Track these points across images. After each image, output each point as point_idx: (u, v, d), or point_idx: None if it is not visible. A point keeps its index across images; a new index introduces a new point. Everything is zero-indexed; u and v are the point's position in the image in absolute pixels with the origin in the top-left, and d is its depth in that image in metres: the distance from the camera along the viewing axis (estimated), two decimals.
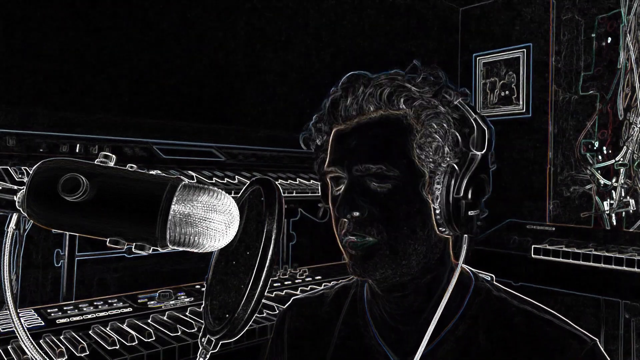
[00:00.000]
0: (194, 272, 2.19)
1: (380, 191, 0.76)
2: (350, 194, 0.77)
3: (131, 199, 0.52)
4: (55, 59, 2.02)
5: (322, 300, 0.98)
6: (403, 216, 0.77)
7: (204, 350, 0.64)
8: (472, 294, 0.84)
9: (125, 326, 1.63)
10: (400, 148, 0.77)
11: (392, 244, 0.76)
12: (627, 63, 2.94)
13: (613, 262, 2.45)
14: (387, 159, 0.76)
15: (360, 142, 0.78)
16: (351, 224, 0.76)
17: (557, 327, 0.79)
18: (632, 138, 2.90)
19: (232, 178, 2.15)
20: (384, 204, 0.76)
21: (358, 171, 0.77)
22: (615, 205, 2.95)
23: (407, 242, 0.77)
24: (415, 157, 0.77)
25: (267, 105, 2.68)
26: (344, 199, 0.76)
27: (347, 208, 0.75)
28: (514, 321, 0.80)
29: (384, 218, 0.76)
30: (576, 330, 0.78)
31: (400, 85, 0.78)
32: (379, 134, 0.78)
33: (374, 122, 0.79)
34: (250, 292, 0.59)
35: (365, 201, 0.76)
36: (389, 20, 3.26)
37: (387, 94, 0.78)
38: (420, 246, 0.78)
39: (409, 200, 0.77)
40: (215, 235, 0.54)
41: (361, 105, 0.79)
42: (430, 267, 0.81)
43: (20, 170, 1.67)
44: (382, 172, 0.76)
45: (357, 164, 0.77)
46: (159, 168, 2.00)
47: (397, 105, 0.78)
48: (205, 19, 2.44)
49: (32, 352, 0.56)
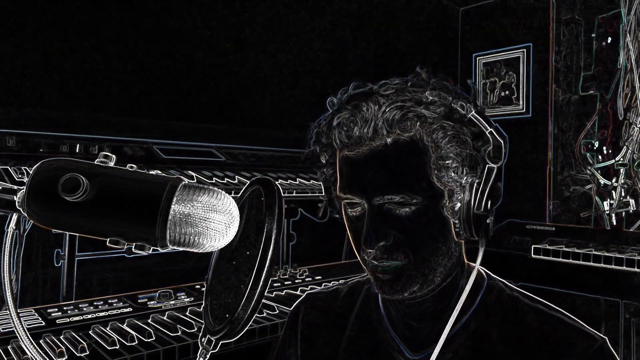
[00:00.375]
0: (194, 272, 2.19)
1: (404, 215, 0.76)
2: (374, 224, 0.75)
3: (131, 199, 0.52)
4: (56, 59, 2.02)
5: (336, 295, 0.99)
6: (427, 237, 0.78)
7: (204, 350, 0.64)
8: (484, 292, 0.85)
9: (125, 326, 1.63)
10: (419, 172, 0.75)
11: (418, 264, 0.77)
12: (627, 63, 2.94)
13: (613, 262, 2.45)
14: (407, 187, 0.75)
15: (377, 171, 0.76)
16: (378, 252, 0.76)
17: (568, 325, 0.80)
18: (632, 138, 2.90)
19: (232, 178, 2.15)
20: (408, 228, 0.76)
21: (378, 201, 0.76)
22: (615, 205, 2.95)
23: (432, 259, 0.78)
24: (434, 178, 0.76)
25: (267, 105, 2.68)
26: (370, 230, 0.75)
27: (374, 239, 0.75)
28: (525, 318, 0.82)
29: (409, 242, 0.76)
30: (586, 328, 0.80)
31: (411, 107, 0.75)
32: (395, 161, 0.75)
33: (389, 149, 0.75)
34: (250, 292, 0.59)
35: (389, 227, 0.76)
36: (389, 20, 3.26)
37: (399, 117, 0.74)
38: (443, 259, 0.79)
39: (431, 222, 0.77)
40: (215, 235, 0.54)
41: (372, 130, 0.75)
42: (448, 272, 0.82)
43: (20, 170, 1.67)
44: (405, 201, 0.75)
45: (378, 195, 0.75)
46: (159, 168, 2.00)
47: (410, 128, 0.75)
48: (205, 19, 2.44)
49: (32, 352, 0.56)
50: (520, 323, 0.82)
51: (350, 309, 0.94)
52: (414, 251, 0.77)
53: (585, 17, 3.12)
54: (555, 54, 3.25)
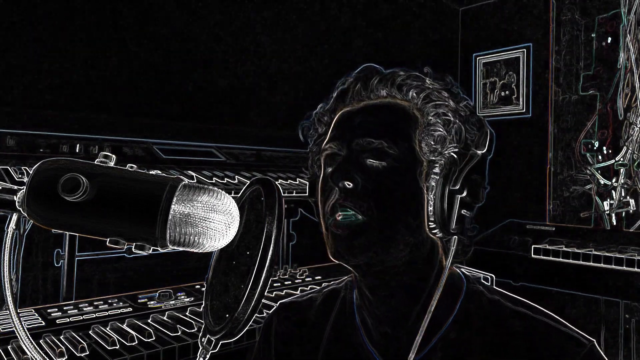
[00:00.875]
0: (194, 272, 2.19)
1: (378, 167, 0.75)
2: (346, 164, 0.75)
3: (131, 199, 0.52)
4: (55, 59, 2.02)
5: (311, 303, 0.95)
6: (397, 197, 0.75)
7: (204, 350, 0.64)
8: (464, 297, 0.81)
9: (125, 326, 1.63)
10: (404, 132, 0.77)
11: (381, 224, 0.74)
12: (627, 63, 2.94)
13: (613, 262, 2.45)
14: (388, 136, 0.76)
15: (365, 119, 0.79)
16: (342, 195, 0.74)
17: (554, 329, 0.77)
18: (632, 138, 2.90)
19: (232, 178, 2.15)
20: (380, 180, 0.75)
21: (358, 145, 0.76)
22: (615, 205, 2.95)
23: (397, 226, 0.75)
24: (416, 144, 0.77)
25: (267, 105, 2.68)
26: (339, 168, 0.75)
27: (340, 177, 0.73)
28: (508, 324, 0.78)
29: (377, 194, 0.74)
30: (573, 331, 0.76)
31: (413, 76, 0.80)
32: (385, 115, 0.79)
33: (382, 105, 0.80)
34: (250, 292, 0.59)
35: (360, 171, 0.74)
36: (389, 20, 3.26)
37: (400, 80, 0.79)
38: (409, 236, 0.76)
39: (404, 182, 0.75)
40: (215, 235, 0.54)
41: (372, 88, 0.80)
42: (417, 267, 0.78)
43: (20, 170, 1.67)
44: (383, 147, 0.75)
45: (358, 137, 0.76)
46: (159, 168, 2.00)
47: (407, 94, 0.79)
48: (205, 19, 2.44)
49: (32, 352, 0.56)
50: (504, 330, 0.77)
51: (325, 319, 0.90)
52: (379, 207, 0.73)
53: (585, 17, 3.12)
54: (555, 54, 3.25)
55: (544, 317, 0.78)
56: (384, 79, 0.80)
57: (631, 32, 2.92)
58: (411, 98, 0.79)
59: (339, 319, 0.89)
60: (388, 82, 0.80)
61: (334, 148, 0.79)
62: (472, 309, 0.80)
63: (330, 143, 0.80)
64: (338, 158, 0.78)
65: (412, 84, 0.79)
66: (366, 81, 0.81)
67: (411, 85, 0.79)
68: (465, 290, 0.82)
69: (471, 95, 3.64)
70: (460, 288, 0.83)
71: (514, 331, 0.77)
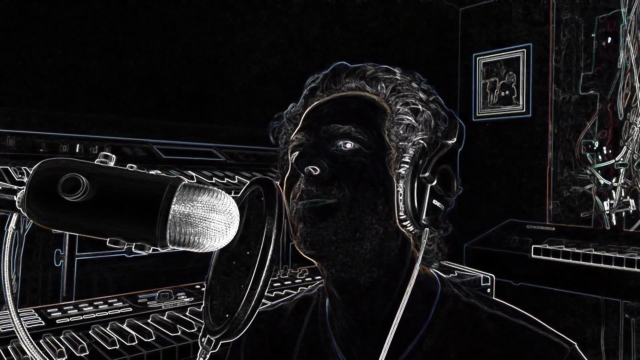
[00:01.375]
0: (194, 272, 2.19)
1: (346, 150, 0.73)
2: (312, 150, 0.72)
3: (131, 199, 0.52)
4: (56, 58, 2.03)
5: (281, 313, 0.90)
6: (365, 179, 0.72)
7: (204, 350, 0.64)
8: (438, 302, 0.78)
9: (125, 326, 1.63)
10: (372, 121, 0.76)
11: (352, 205, 0.70)
12: (627, 63, 2.94)
13: (613, 262, 2.45)
14: (357, 121, 0.74)
15: (333, 108, 0.78)
16: (308, 183, 0.70)
17: (533, 333, 0.73)
18: (632, 138, 2.90)
19: (232, 178, 2.15)
20: (348, 162, 0.72)
21: (325, 132, 0.74)
22: (615, 205, 2.95)
23: (366, 210, 0.71)
24: (385, 132, 0.76)
25: (267, 105, 2.68)
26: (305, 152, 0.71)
27: (307, 161, 0.69)
28: (485, 329, 0.74)
29: (345, 176, 0.71)
30: (553, 335, 0.73)
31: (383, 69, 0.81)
32: (353, 103, 0.78)
33: (351, 96, 0.80)
34: (250, 292, 0.58)
35: (327, 156, 0.71)
36: (389, 20, 3.26)
37: (369, 74, 0.80)
38: (378, 225, 0.72)
39: (374, 167, 0.73)
40: (215, 235, 0.54)
41: (341, 81, 0.80)
42: (386, 262, 0.74)
43: (20, 170, 1.67)
44: (351, 132, 0.73)
45: (326, 124, 0.74)
46: (159, 168, 2.00)
47: (376, 86, 0.79)
48: (205, 19, 2.45)
49: (32, 352, 0.56)
50: (481, 335, 0.74)
51: (297, 329, 0.86)
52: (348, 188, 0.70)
53: (585, 17, 3.12)
54: (555, 54, 3.25)
55: (522, 320, 0.75)
56: (353, 72, 0.81)
57: (631, 32, 2.92)
58: (379, 89, 0.79)
59: (311, 329, 0.85)
60: (357, 75, 0.80)
61: (301, 139, 0.76)
62: (447, 314, 0.77)
63: (297, 134, 0.78)
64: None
65: (381, 76, 0.80)
66: (335, 76, 0.81)
67: (380, 77, 0.79)
68: (439, 294, 0.79)
69: (471, 95, 3.64)
70: (435, 292, 0.79)
71: (491, 336, 0.74)
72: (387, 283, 0.76)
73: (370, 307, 0.76)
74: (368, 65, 0.81)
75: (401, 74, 0.81)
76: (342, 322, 0.79)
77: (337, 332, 0.81)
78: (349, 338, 0.79)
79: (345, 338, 0.79)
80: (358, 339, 0.78)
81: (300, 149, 0.74)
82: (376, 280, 0.75)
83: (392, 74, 0.80)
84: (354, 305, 0.77)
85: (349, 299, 0.77)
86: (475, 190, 3.47)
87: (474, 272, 2.39)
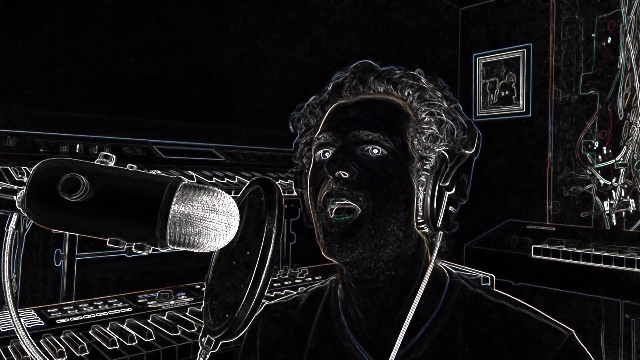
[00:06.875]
0: (194, 272, 2.19)
1: (373, 158, 0.77)
2: (342, 154, 0.76)
3: (131, 199, 0.52)
4: (55, 59, 2.02)
5: (295, 304, 0.95)
6: (390, 188, 0.76)
7: (204, 350, 0.64)
8: (447, 291, 0.83)
9: (125, 326, 1.63)
10: (398, 127, 0.79)
11: (374, 216, 0.75)
12: (627, 63, 2.94)
13: (613, 262, 2.45)
14: (384, 129, 0.78)
15: (361, 112, 0.80)
16: (337, 185, 0.74)
17: (534, 320, 0.79)
18: (632, 138, 2.90)
19: (232, 178, 2.15)
20: (375, 169, 0.76)
21: (354, 137, 0.77)
22: (615, 205, 2.95)
23: (389, 219, 0.76)
24: (409, 140, 0.79)
25: (267, 105, 2.68)
26: (335, 157, 0.75)
27: (337, 168, 0.74)
28: (490, 316, 0.80)
29: (372, 184, 0.75)
30: (552, 323, 0.79)
31: (410, 75, 0.83)
32: (381, 109, 0.81)
33: (378, 100, 0.82)
34: (250, 292, 0.59)
35: (356, 161, 0.76)
36: (389, 20, 3.26)
37: (396, 78, 0.82)
38: (399, 230, 0.77)
39: (398, 175, 0.77)
40: (215, 235, 0.54)
41: (369, 83, 0.82)
42: (403, 261, 0.80)
43: (20, 170, 1.67)
44: (379, 140, 0.76)
45: (355, 129, 0.78)
46: (159, 168, 2.00)
47: (403, 91, 0.82)
48: (205, 19, 2.44)
49: (32, 352, 0.56)
50: (486, 321, 0.80)
51: (310, 319, 0.91)
52: (374, 198, 0.75)
53: (585, 17, 3.12)
54: (555, 54, 3.25)
55: (524, 310, 0.81)
56: (381, 75, 0.83)
57: (631, 32, 2.92)
58: (406, 95, 0.82)
59: (324, 318, 0.90)
60: (385, 78, 0.82)
61: (328, 138, 0.80)
62: (455, 302, 0.82)
63: (324, 133, 0.81)
64: (332, 148, 0.79)
65: (408, 82, 0.82)
66: (363, 76, 0.83)
67: (407, 83, 0.82)
68: (448, 284, 0.84)
69: (471, 95, 3.64)
70: (444, 282, 0.85)
71: (495, 322, 0.79)
72: (403, 279, 0.81)
73: (386, 299, 0.81)
74: (396, 69, 0.84)
75: (426, 80, 0.84)
76: (356, 310, 0.84)
77: (351, 318, 0.85)
78: (362, 325, 0.83)
79: (358, 324, 0.84)
80: (372, 325, 0.83)
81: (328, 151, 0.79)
82: (394, 277, 0.80)
83: (418, 80, 0.83)
84: (370, 297, 0.81)
85: (366, 292, 0.81)
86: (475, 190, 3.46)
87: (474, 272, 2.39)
